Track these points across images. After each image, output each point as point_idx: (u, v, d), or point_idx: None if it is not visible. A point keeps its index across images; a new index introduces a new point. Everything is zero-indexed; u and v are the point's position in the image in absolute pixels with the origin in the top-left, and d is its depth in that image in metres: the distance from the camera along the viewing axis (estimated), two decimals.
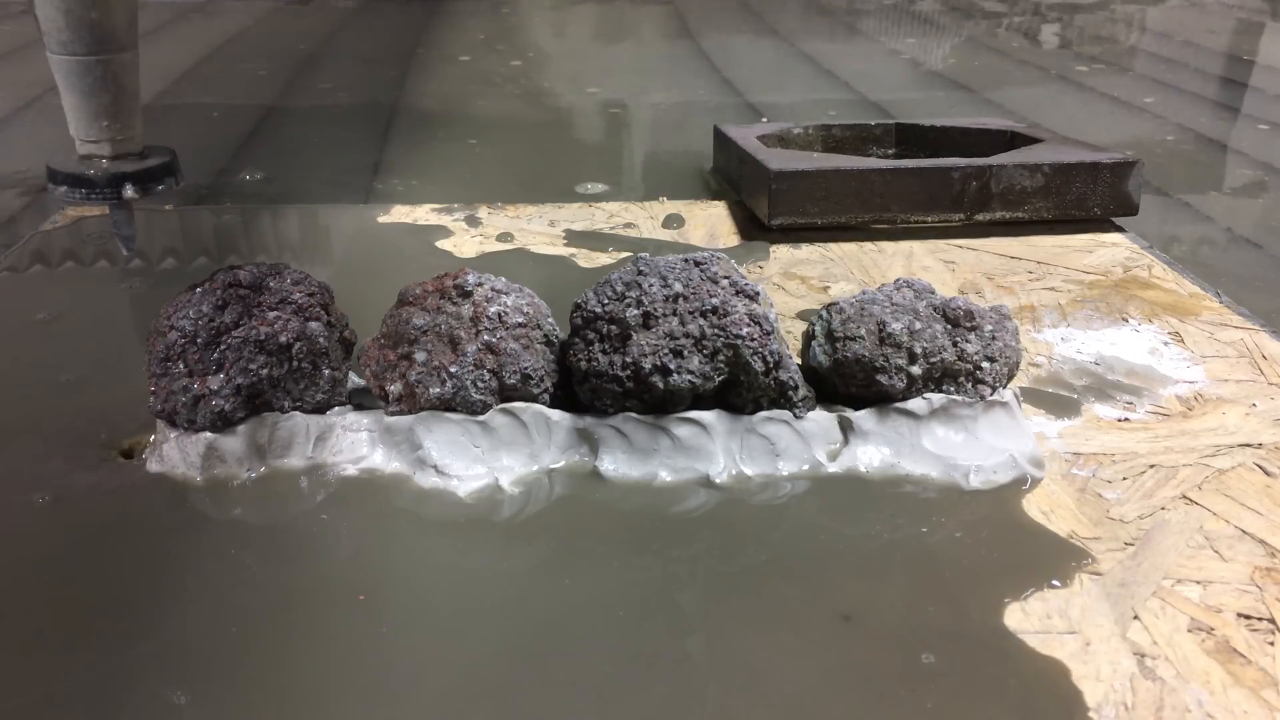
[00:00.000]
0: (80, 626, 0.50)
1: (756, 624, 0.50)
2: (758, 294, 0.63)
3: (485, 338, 0.61)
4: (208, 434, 0.61)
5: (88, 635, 0.49)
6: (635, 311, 0.61)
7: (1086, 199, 1.01)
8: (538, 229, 1.02)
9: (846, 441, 0.63)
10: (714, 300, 0.61)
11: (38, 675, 0.47)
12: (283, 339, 0.62)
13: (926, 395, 0.63)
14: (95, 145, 0.61)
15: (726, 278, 0.63)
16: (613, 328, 0.61)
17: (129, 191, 0.61)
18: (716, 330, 0.60)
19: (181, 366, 0.61)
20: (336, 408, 0.64)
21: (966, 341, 0.63)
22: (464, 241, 0.99)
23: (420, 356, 0.62)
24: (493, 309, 0.62)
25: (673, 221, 1.04)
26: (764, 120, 1.43)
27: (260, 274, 0.64)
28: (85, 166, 0.61)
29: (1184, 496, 0.60)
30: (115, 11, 0.57)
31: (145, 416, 0.64)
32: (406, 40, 2.12)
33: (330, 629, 0.50)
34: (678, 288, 0.61)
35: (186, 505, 0.59)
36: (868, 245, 0.98)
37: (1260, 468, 0.62)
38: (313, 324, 0.63)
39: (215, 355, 0.61)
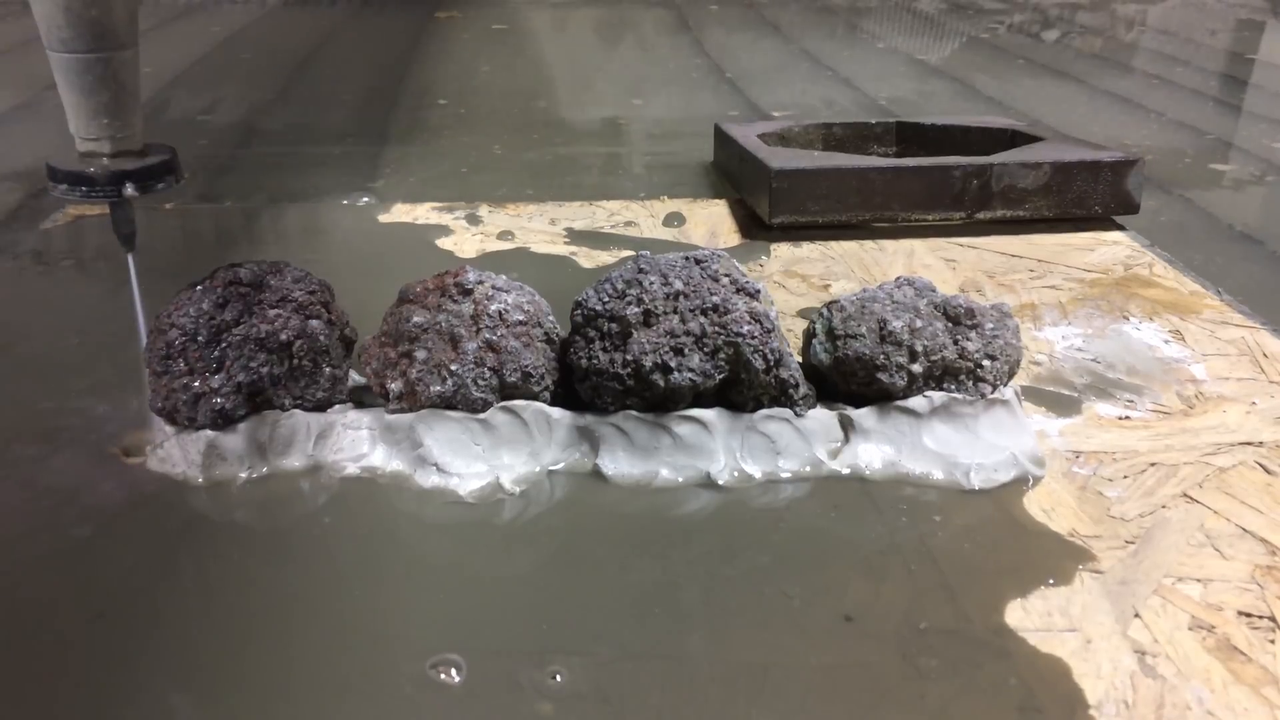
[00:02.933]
0: (80, 625, 0.50)
1: (758, 623, 0.50)
2: (758, 292, 0.63)
3: (486, 335, 0.61)
4: (208, 432, 0.61)
5: (88, 634, 0.49)
6: (636, 309, 0.61)
7: (1087, 197, 1.01)
8: (538, 227, 1.02)
9: (847, 439, 0.63)
10: (714, 298, 0.61)
11: (38, 674, 0.47)
12: (283, 337, 0.61)
13: (927, 393, 0.63)
14: (95, 143, 0.60)
15: (727, 275, 0.63)
16: (613, 325, 0.61)
17: (129, 190, 0.61)
18: (717, 328, 0.60)
19: (182, 364, 0.61)
20: (337, 406, 0.64)
21: (967, 339, 0.63)
22: (465, 240, 0.99)
23: (421, 354, 0.62)
24: (493, 307, 0.62)
25: (673, 220, 1.04)
26: (775, 115, 1.42)
27: (261, 272, 0.64)
28: (85, 165, 0.60)
29: (1185, 494, 0.60)
30: (115, 8, 0.57)
31: (146, 414, 0.64)
32: (405, 39, 2.12)
33: (331, 627, 0.50)
34: (678, 286, 0.61)
35: (187, 503, 0.59)
36: (868, 243, 0.97)
37: (1261, 466, 0.62)
38: (313, 322, 0.63)
39: (216, 353, 0.61)
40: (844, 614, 0.51)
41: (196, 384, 0.60)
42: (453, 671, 0.47)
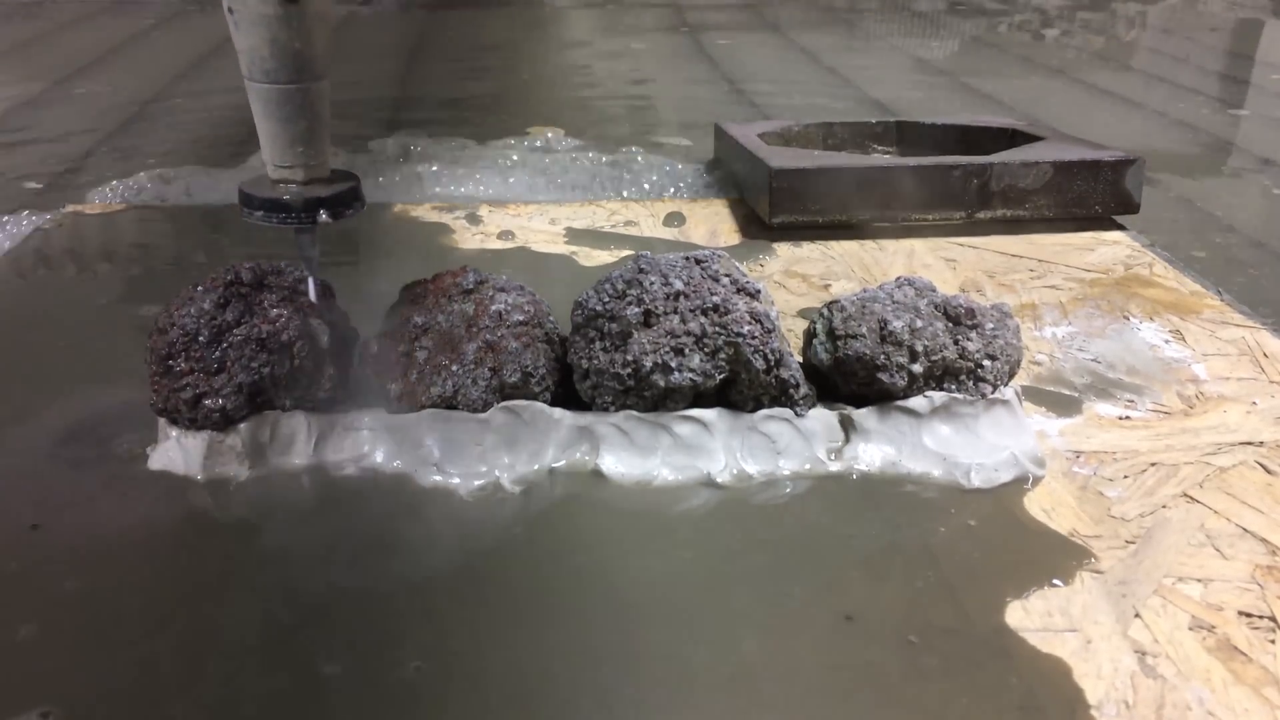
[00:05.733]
0: (79, 625, 0.50)
1: (758, 623, 0.50)
2: (759, 292, 0.63)
3: (486, 336, 0.61)
4: (209, 432, 0.61)
5: (87, 634, 0.49)
6: (636, 309, 0.61)
7: (1088, 197, 1.01)
8: (539, 227, 1.02)
9: (848, 439, 0.63)
10: (715, 298, 0.61)
11: (37, 674, 0.47)
12: (284, 337, 0.61)
13: (928, 393, 0.63)
14: (289, 171, 0.62)
15: (727, 275, 0.63)
16: (613, 326, 0.61)
17: (323, 216, 0.62)
18: (717, 328, 0.60)
19: (183, 364, 0.61)
20: (338, 406, 0.64)
21: (968, 339, 0.63)
22: (465, 239, 0.99)
23: (421, 355, 0.62)
24: (494, 307, 0.62)
25: (674, 219, 1.04)
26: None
27: (262, 272, 0.64)
28: (281, 192, 0.62)
29: (1185, 494, 0.60)
30: (316, 40, 0.58)
31: (147, 414, 0.64)
32: (407, 40, 2.12)
33: (330, 627, 0.50)
34: (678, 286, 0.61)
35: (187, 503, 0.59)
36: (869, 243, 0.97)
37: (1261, 466, 0.62)
38: (314, 322, 0.63)
39: (217, 353, 0.61)
40: (844, 614, 0.51)
41: (198, 384, 0.60)
42: (452, 670, 0.47)
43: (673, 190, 1.14)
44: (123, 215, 1.05)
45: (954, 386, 0.63)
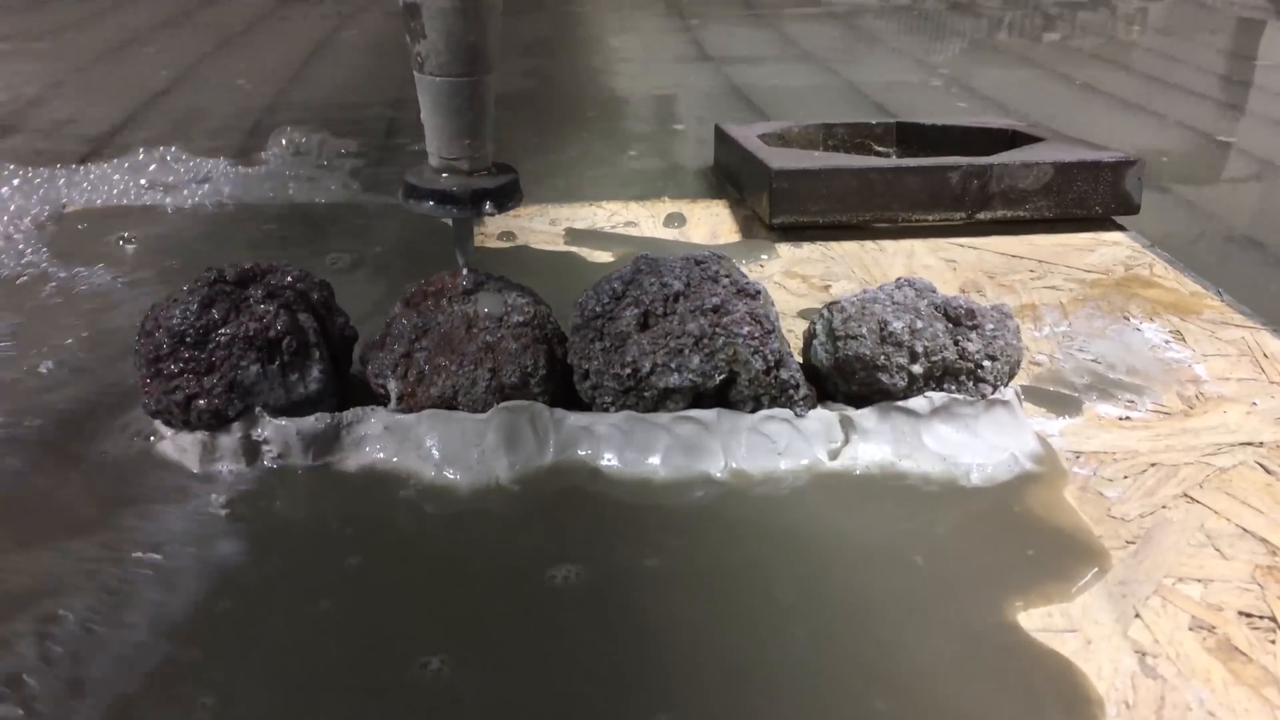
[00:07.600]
0: (75, 626, 0.50)
1: (757, 622, 0.50)
2: (759, 293, 0.63)
3: (486, 337, 0.61)
4: (202, 432, 0.61)
5: (83, 635, 0.49)
6: (635, 310, 0.61)
7: (1088, 198, 1.01)
8: (539, 227, 1.02)
9: (847, 440, 0.63)
10: (714, 299, 0.61)
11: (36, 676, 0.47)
12: (271, 334, 0.61)
13: (928, 394, 0.63)
14: (455, 162, 0.62)
15: (727, 276, 0.63)
16: (613, 326, 0.61)
17: (488, 207, 0.63)
18: (717, 329, 0.60)
19: (173, 367, 0.60)
20: (338, 406, 0.64)
21: (968, 340, 0.63)
22: None
23: (421, 355, 0.62)
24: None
25: (674, 220, 1.04)
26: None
27: (248, 271, 0.63)
28: (447, 184, 0.62)
29: (1185, 495, 0.60)
30: (489, 34, 0.59)
31: (141, 416, 0.64)
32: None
33: (329, 626, 0.50)
34: (678, 287, 0.61)
35: (183, 505, 0.59)
36: (869, 244, 0.97)
37: (1261, 466, 0.62)
38: (302, 315, 0.63)
39: (204, 354, 0.60)
40: (845, 612, 0.51)
41: (188, 385, 0.60)
42: (451, 668, 0.47)
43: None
44: (122, 215, 1.05)
45: (954, 387, 0.63)
